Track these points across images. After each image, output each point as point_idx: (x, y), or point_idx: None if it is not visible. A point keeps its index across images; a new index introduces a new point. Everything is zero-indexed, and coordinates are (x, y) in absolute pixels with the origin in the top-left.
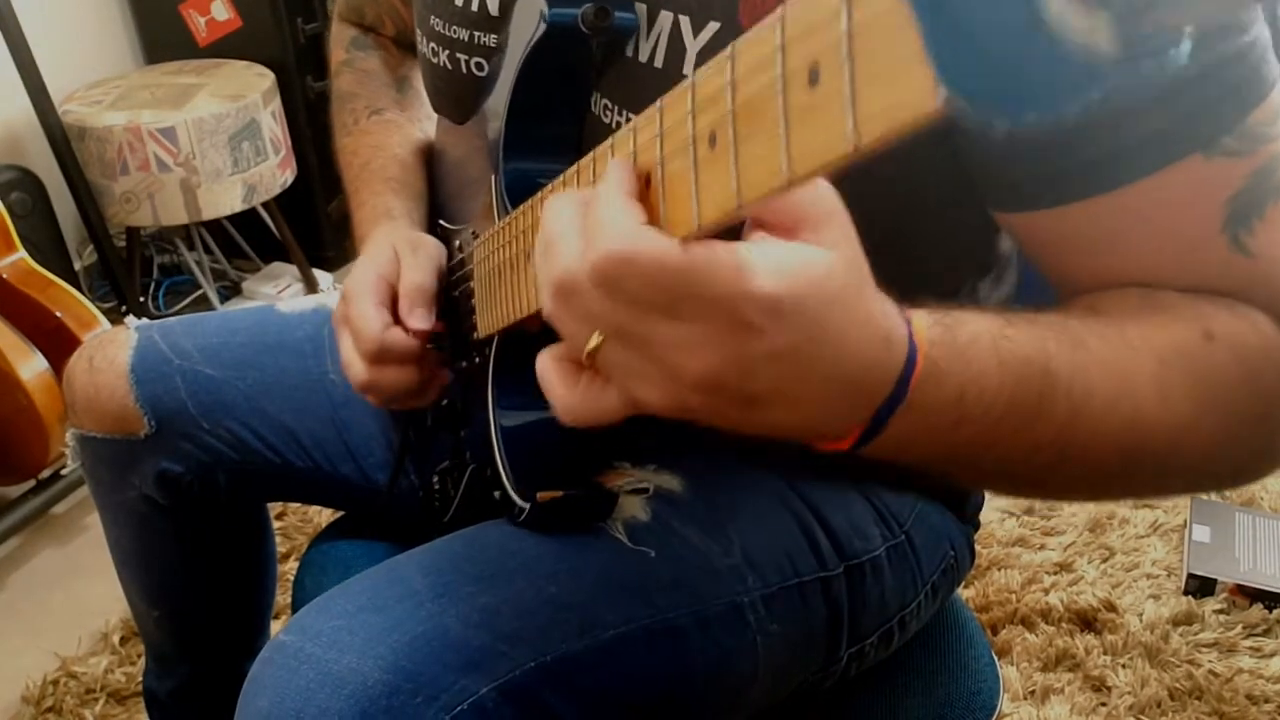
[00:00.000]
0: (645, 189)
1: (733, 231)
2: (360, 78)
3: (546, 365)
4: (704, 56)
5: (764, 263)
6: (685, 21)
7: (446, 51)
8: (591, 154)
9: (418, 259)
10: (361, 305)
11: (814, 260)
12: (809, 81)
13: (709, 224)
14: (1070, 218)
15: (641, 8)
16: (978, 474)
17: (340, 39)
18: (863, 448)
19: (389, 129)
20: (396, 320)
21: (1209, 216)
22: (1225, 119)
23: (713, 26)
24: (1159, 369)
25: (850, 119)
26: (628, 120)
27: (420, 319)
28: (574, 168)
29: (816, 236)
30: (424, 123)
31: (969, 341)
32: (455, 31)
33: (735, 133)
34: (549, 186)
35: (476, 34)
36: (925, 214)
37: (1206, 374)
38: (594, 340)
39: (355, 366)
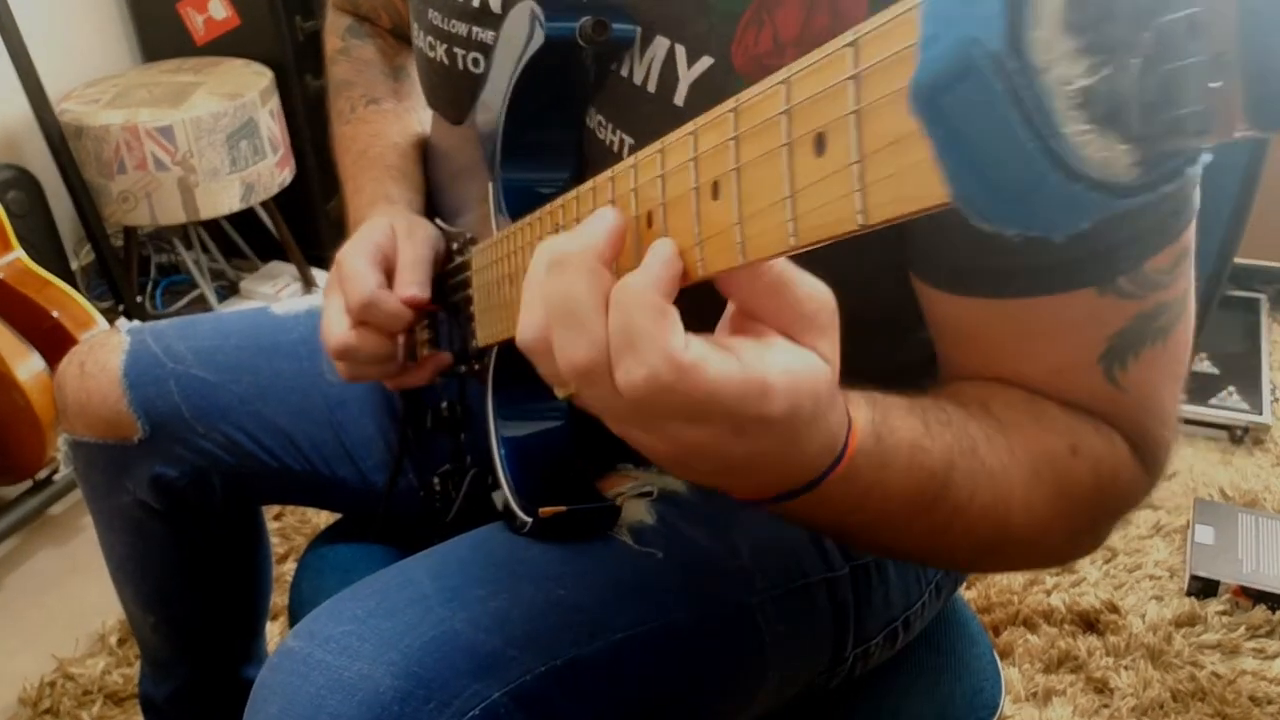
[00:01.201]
0: (647, 228)
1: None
2: (357, 66)
3: (536, 275)
4: (695, 89)
5: (782, 381)
6: (680, 51)
7: (444, 46)
8: (592, 183)
9: (415, 237)
10: (355, 264)
11: (816, 375)
12: (815, 150)
13: (711, 275)
14: (983, 311)
15: (635, 28)
16: (857, 542)
17: (335, 27)
18: (760, 508)
19: (387, 118)
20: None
21: (1089, 346)
22: (1127, 261)
23: (706, 61)
24: (1030, 480)
25: (859, 199)
26: (620, 139)
27: (415, 290)
28: (573, 194)
29: (821, 344)
30: (420, 112)
31: (892, 450)
32: (453, 26)
33: (740, 191)
34: (547, 208)
35: (474, 29)
36: (873, 265)
37: (1067, 485)
38: (570, 389)
39: (336, 327)
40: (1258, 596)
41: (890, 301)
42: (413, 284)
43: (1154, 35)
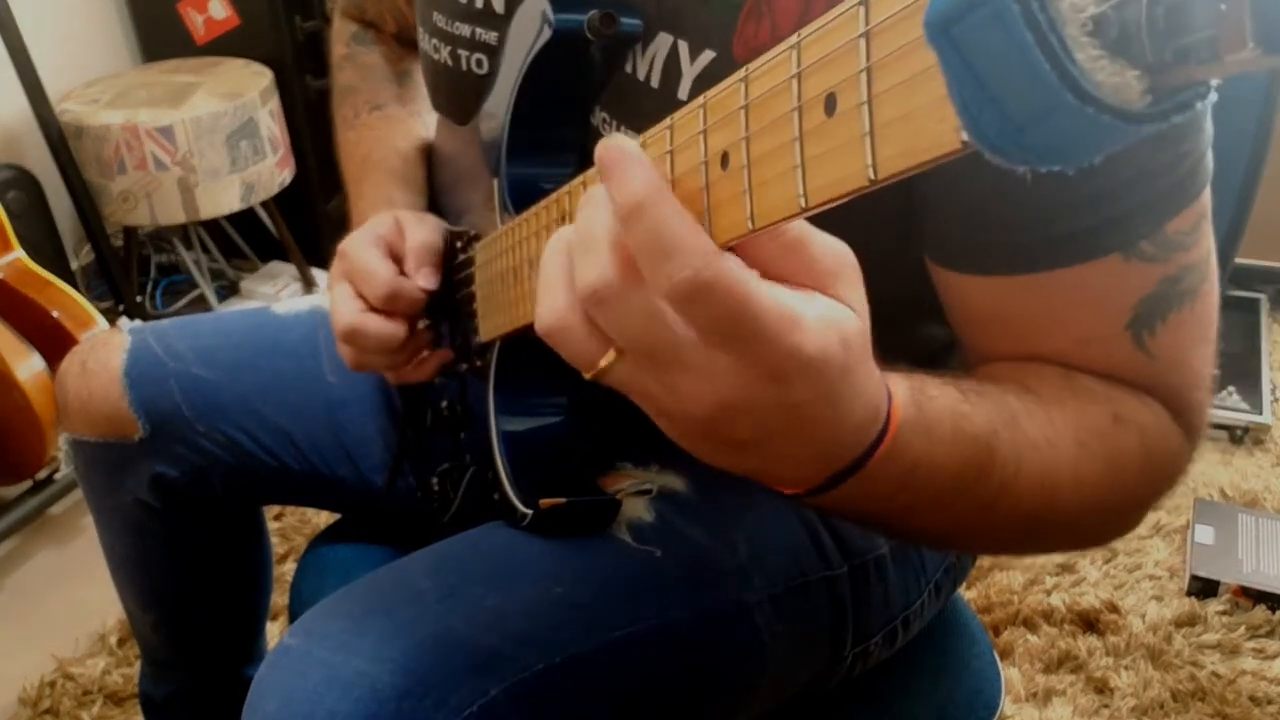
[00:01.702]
0: None
1: None
2: (362, 72)
3: (554, 253)
4: (699, 83)
5: (811, 317)
6: (684, 46)
7: (448, 48)
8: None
9: (422, 225)
10: (366, 254)
11: (844, 322)
12: (825, 111)
13: (721, 245)
14: (1004, 289)
15: (642, 22)
16: (898, 529)
17: (341, 34)
18: (804, 500)
19: (391, 124)
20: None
21: (1116, 314)
22: (1148, 224)
23: (708, 55)
24: (1078, 453)
25: (869, 153)
26: (625, 134)
27: (428, 277)
28: (580, 179)
29: (849, 294)
30: (425, 116)
31: (935, 420)
32: (457, 28)
33: (749, 156)
34: (553, 195)
35: (478, 30)
36: (880, 255)
37: (1116, 455)
38: (605, 360)
39: (348, 311)
40: (1258, 596)
41: (896, 295)
42: (425, 270)
43: None
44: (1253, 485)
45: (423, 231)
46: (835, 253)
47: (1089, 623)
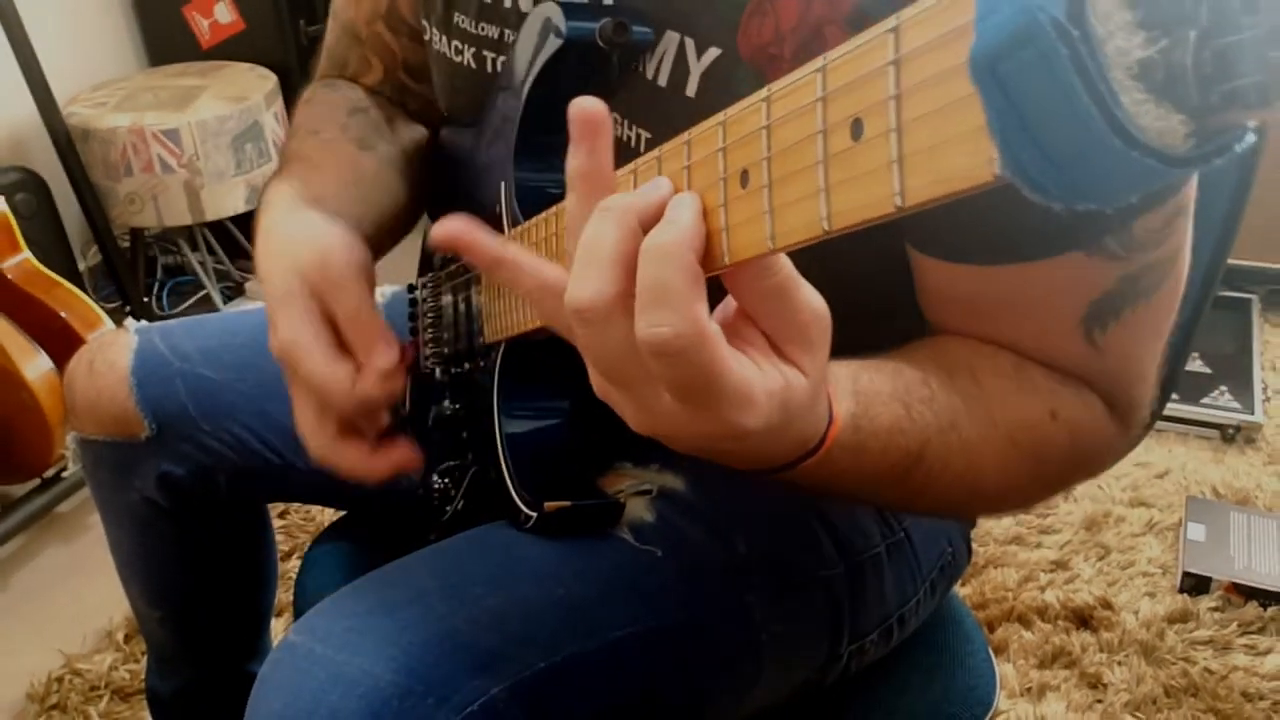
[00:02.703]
0: None
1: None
2: (310, 109)
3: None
4: (706, 80)
5: (763, 395)
6: (690, 44)
7: (472, 49)
8: (613, 179)
9: (335, 282)
10: (315, 364)
11: (796, 390)
12: (852, 136)
13: (737, 262)
14: (963, 277)
15: (653, 31)
16: (831, 497)
17: (311, 88)
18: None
19: (321, 146)
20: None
21: (1072, 310)
22: (1116, 221)
23: (714, 52)
24: (1007, 447)
25: (897, 180)
26: (635, 133)
27: (384, 356)
28: None
29: (806, 359)
30: (376, 142)
31: (870, 437)
32: (482, 29)
33: (770, 177)
34: (563, 203)
35: (506, 31)
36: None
37: (1043, 450)
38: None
39: (319, 435)
40: (1249, 593)
41: (873, 289)
42: (379, 350)
43: (1209, 9)
44: (1244, 483)
45: (342, 297)
46: (813, 310)
47: (1083, 619)
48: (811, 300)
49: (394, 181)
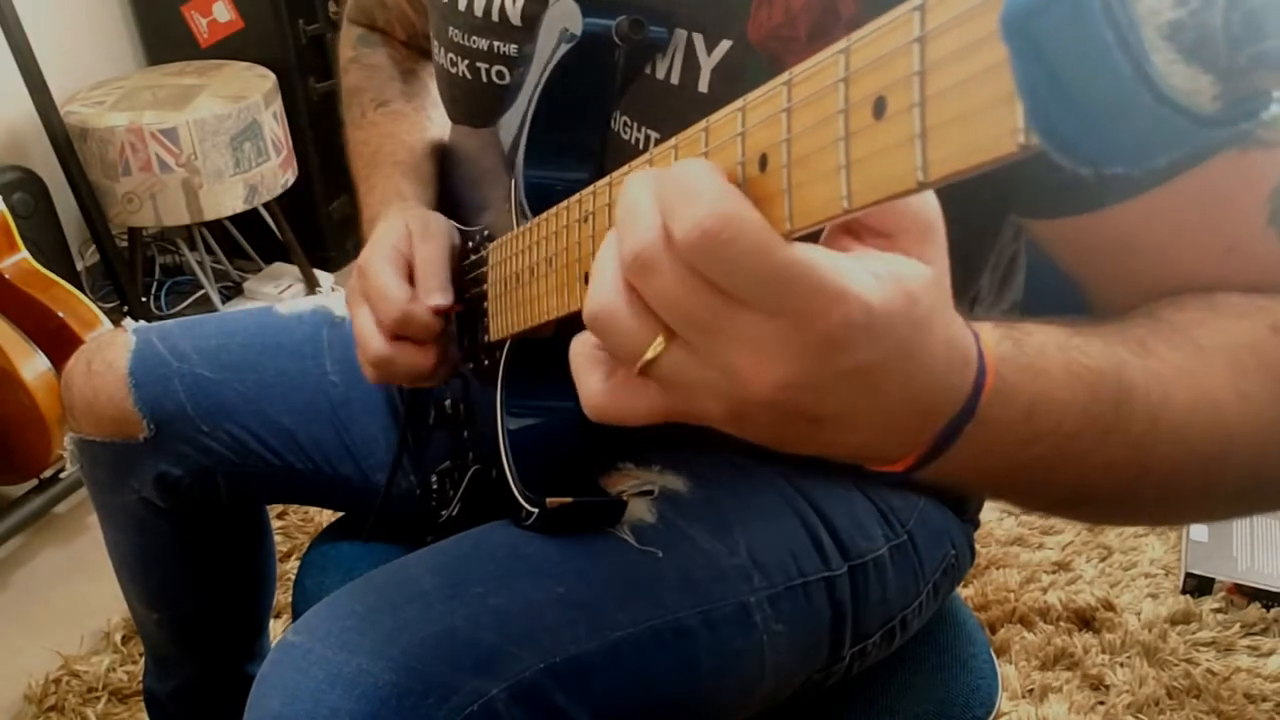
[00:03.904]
0: None
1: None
2: (367, 72)
3: (580, 353)
4: (718, 74)
5: (860, 273)
6: (699, 39)
7: (465, 61)
8: (627, 166)
9: (430, 236)
10: (383, 275)
11: (912, 276)
12: (874, 114)
13: None
14: (1110, 221)
15: (668, 31)
16: (1046, 497)
17: (348, 38)
18: (921, 470)
19: (397, 119)
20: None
21: (1251, 211)
22: (1256, 107)
23: (725, 44)
24: (1232, 370)
25: (919, 155)
26: (646, 135)
27: (439, 296)
28: (606, 180)
29: (918, 249)
30: (432, 113)
31: (1037, 353)
32: (474, 41)
33: (790, 158)
34: (575, 196)
35: (496, 44)
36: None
37: None
38: (654, 349)
39: (372, 341)
40: (1252, 594)
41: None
42: (435, 290)
43: None
44: None
45: (430, 248)
46: (921, 208)
47: (1085, 620)
48: (920, 199)
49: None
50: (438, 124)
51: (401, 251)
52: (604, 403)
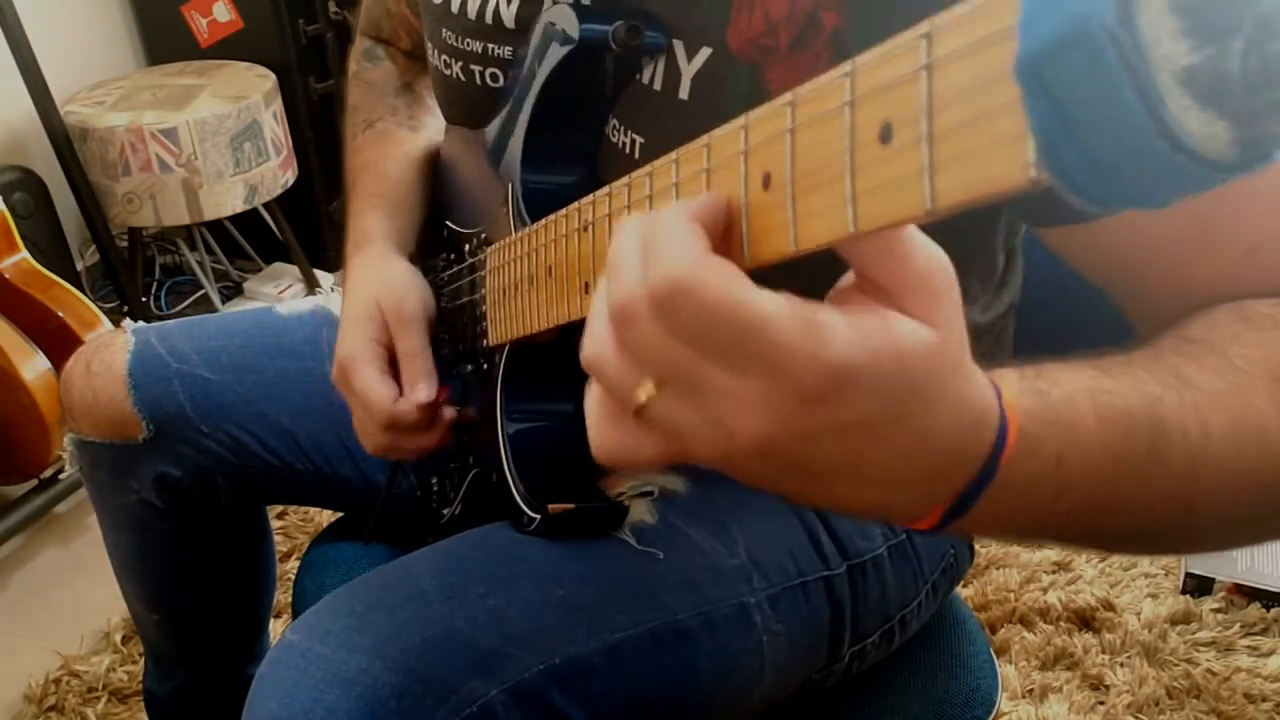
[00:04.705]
0: None
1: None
2: (363, 90)
3: (593, 400)
4: (698, 80)
5: (841, 328)
6: (679, 46)
7: (459, 64)
8: (627, 178)
9: (406, 321)
10: (366, 378)
11: (908, 338)
12: (880, 140)
13: (759, 265)
14: (1131, 225)
15: (664, 37)
16: (1092, 541)
17: (355, 52)
18: (946, 528)
19: (380, 141)
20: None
21: (1273, 209)
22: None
23: (705, 52)
24: (1274, 386)
25: (927, 184)
26: (630, 139)
27: (424, 391)
28: (606, 190)
29: (923, 311)
30: (423, 119)
31: (1066, 404)
32: (468, 44)
33: (794, 180)
34: (574, 205)
35: (490, 46)
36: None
37: None
38: (644, 394)
39: (375, 437)
40: (1252, 594)
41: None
42: (420, 386)
43: (1256, 18)
44: None
45: (409, 337)
46: (931, 266)
47: (1085, 620)
48: (924, 246)
49: (423, 174)
50: (431, 132)
51: (378, 344)
52: (610, 448)
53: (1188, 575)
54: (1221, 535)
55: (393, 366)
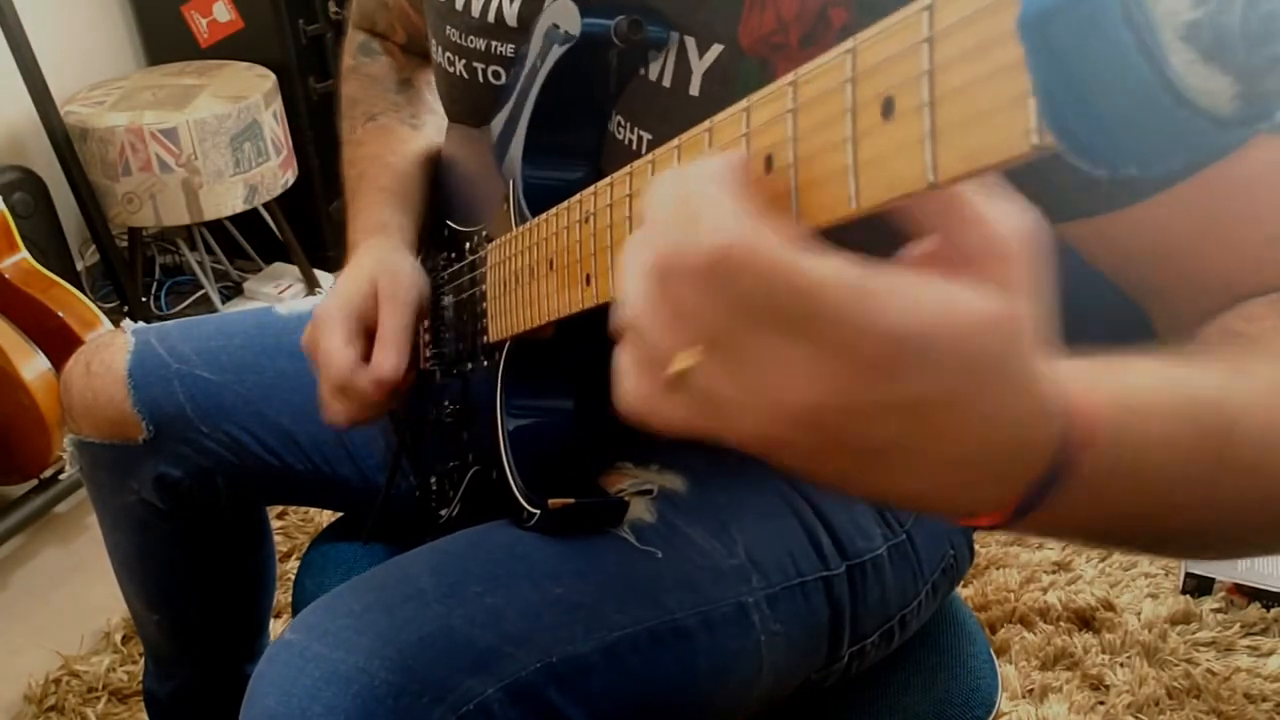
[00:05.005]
0: None
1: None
2: (363, 83)
3: (628, 353)
4: (709, 77)
5: (896, 297)
6: (691, 42)
7: (463, 61)
8: (628, 167)
9: (397, 299)
10: (332, 339)
11: (964, 307)
12: (882, 114)
13: (814, 227)
14: (1143, 222)
15: (667, 31)
16: (1162, 542)
17: (350, 45)
18: (1013, 527)
19: (384, 136)
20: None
21: None
22: None
23: (717, 48)
24: None
25: (929, 156)
26: (639, 136)
27: (388, 371)
28: (608, 181)
29: (991, 278)
30: (425, 117)
31: (1139, 394)
32: (472, 42)
33: (796, 158)
34: (575, 196)
35: (494, 44)
36: None
37: None
38: (683, 361)
39: (329, 403)
40: (1252, 594)
41: None
42: (387, 363)
43: None
44: None
45: (396, 313)
46: (1004, 230)
47: (1085, 620)
48: (1002, 209)
49: (426, 172)
50: (429, 131)
51: (359, 313)
52: (638, 403)
53: (1188, 575)
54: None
55: (368, 344)
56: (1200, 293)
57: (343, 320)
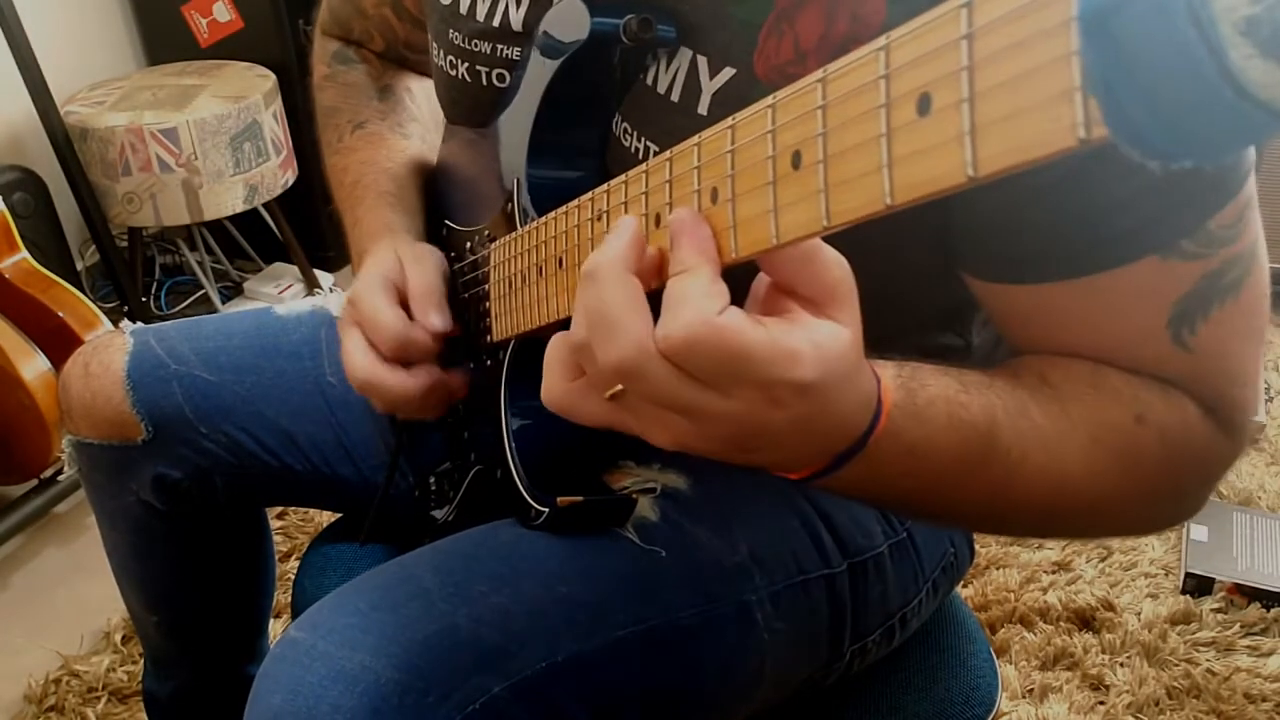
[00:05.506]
0: (711, 204)
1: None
2: (344, 92)
3: (555, 349)
4: (719, 99)
5: (810, 350)
6: (703, 62)
7: (465, 64)
8: (644, 166)
9: (423, 265)
10: (376, 303)
11: (841, 342)
12: (918, 110)
13: (788, 242)
14: (1041, 295)
15: (675, 29)
16: (921, 514)
17: (322, 54)
18: (812, 483)
19: (375, 142)
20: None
21: (1156, 313)
22: (1187, 223)
23: (728, 72)
24: (1090, 446)
25: (969, 151)
26: (644, 145)
27: (436, 318)
28: (621, 179)
29: (842, 314)
30: (409, 127)
31: (926, 404)
32: (476, 45)
33: (826, 154)
34: (587, 196)
35: (499, 47)
36: (909, 267)
37: (1132, 453)
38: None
39: (360, 364)
40: (1252, 594)
41: (914, 303)
42: (432, 312)
43: None
44: (1247, 484)
45: (424, 275)
46: (839, 266)
47: (1085, 620)
48: (836, 259)
49: (420, 179)
50: (416, 140)
51: (393, 280)
52: (560, 400)
53: (1188, 575)
54: (1019, 530)
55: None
56: (1053, 344)
57: (382, 288)
